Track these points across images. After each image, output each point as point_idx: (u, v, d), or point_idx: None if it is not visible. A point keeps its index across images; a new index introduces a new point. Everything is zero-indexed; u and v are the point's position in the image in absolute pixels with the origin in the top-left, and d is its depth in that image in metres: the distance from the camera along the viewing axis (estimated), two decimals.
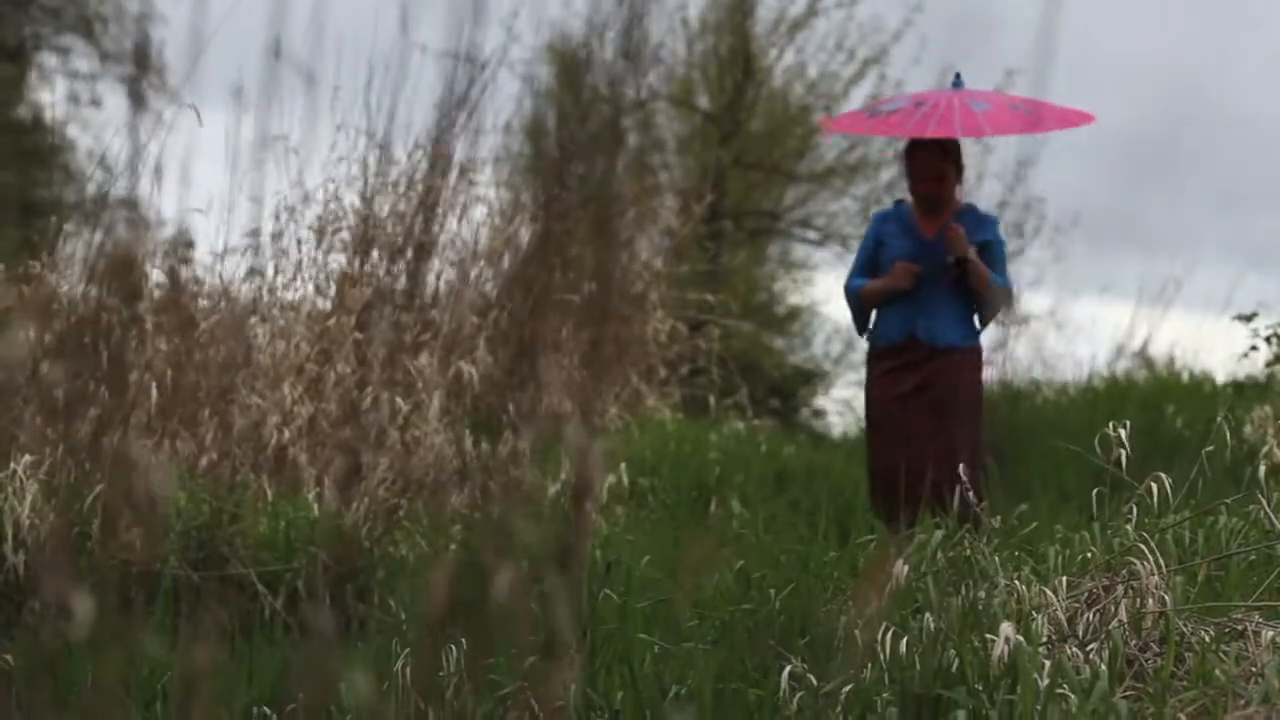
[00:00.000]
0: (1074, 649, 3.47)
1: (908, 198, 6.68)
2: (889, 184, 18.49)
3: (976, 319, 6.56)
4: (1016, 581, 3.81)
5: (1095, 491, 4.22)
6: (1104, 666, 3.27)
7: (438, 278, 9.33)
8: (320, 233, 8.85)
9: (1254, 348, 9.28)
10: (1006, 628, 3.29)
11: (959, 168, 6.57)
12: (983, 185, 18.26)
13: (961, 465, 6.21)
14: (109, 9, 19.59)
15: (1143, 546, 3.77)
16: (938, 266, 6.45)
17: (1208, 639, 3.46)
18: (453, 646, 3.44)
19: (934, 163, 6.51)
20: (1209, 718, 3.21)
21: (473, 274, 9.58)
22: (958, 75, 6.83)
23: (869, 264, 6.64)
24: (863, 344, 6.77)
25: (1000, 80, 15.87)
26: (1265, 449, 5.57)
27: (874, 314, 6.64)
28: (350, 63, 10.15)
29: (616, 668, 4.02)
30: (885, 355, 6.59)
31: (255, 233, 8.37)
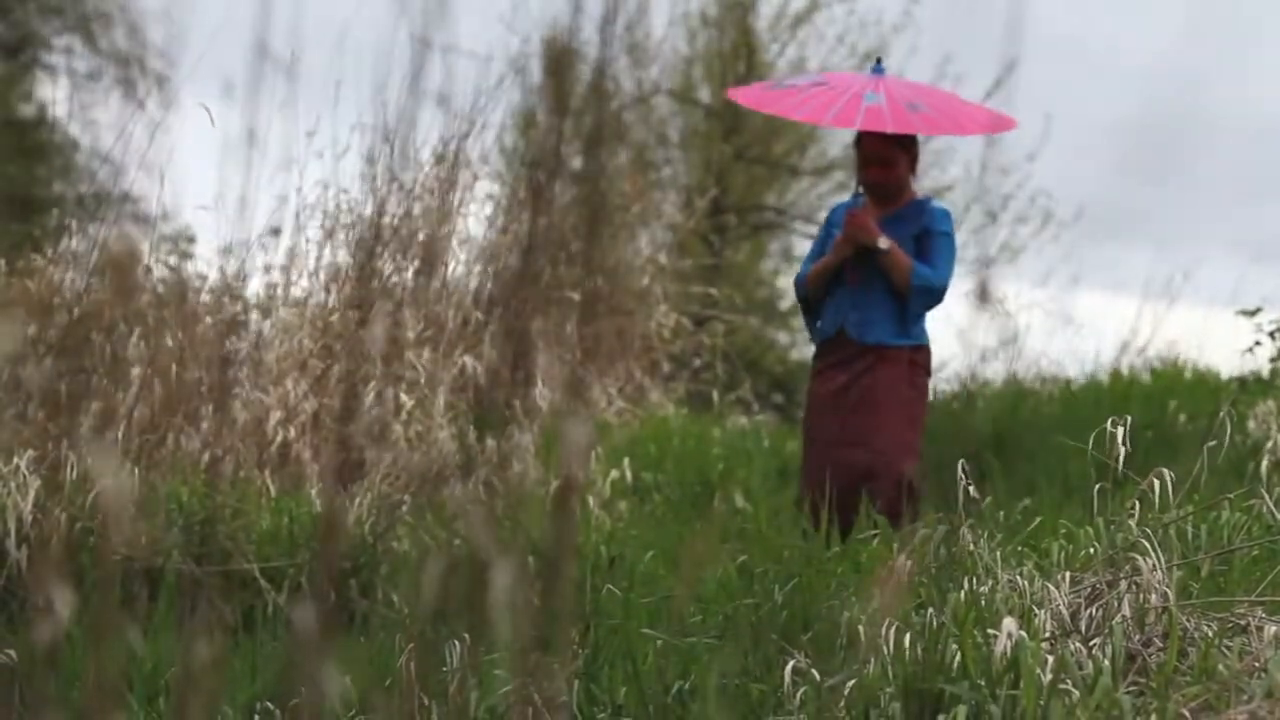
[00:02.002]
0: (1077, 644, 3.47)
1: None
2: None
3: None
4: (1019, 577, 3.81)
5: (1098, 487, 4.21)
6: (1106, 661, 3.27)
7: (443, 274, 9.33)
8: (326, 229, 8.86)
9: (1257, 343, 9.28)
10: (1009, 623, 3.29)
11: (912, 157, 6.26)
12: (985, 181, 18.25)
13: (893, 470, 6.04)
14: (109, 6, 19.59)
15: (1145, 542, 3.77)
16: (870, 259, 6.13)
17: (1210, 634, 3.46)
18: (455, 642, 3.44)
19: (879, 148, 6.21)
20: (1212, 713, 3.20)
21: (474, 270, 9.58)
22: (878, 60, 6.61)
23: (820, 256, 6.36)
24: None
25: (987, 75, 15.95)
26: (1269, 444, 5.56)
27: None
28: (356, 59, 10.16)
29: (619, 663, 4.03)
30: (821, 352, 6.33)
31: (259, 229, 8.37)
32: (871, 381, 6.14)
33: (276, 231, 8.64)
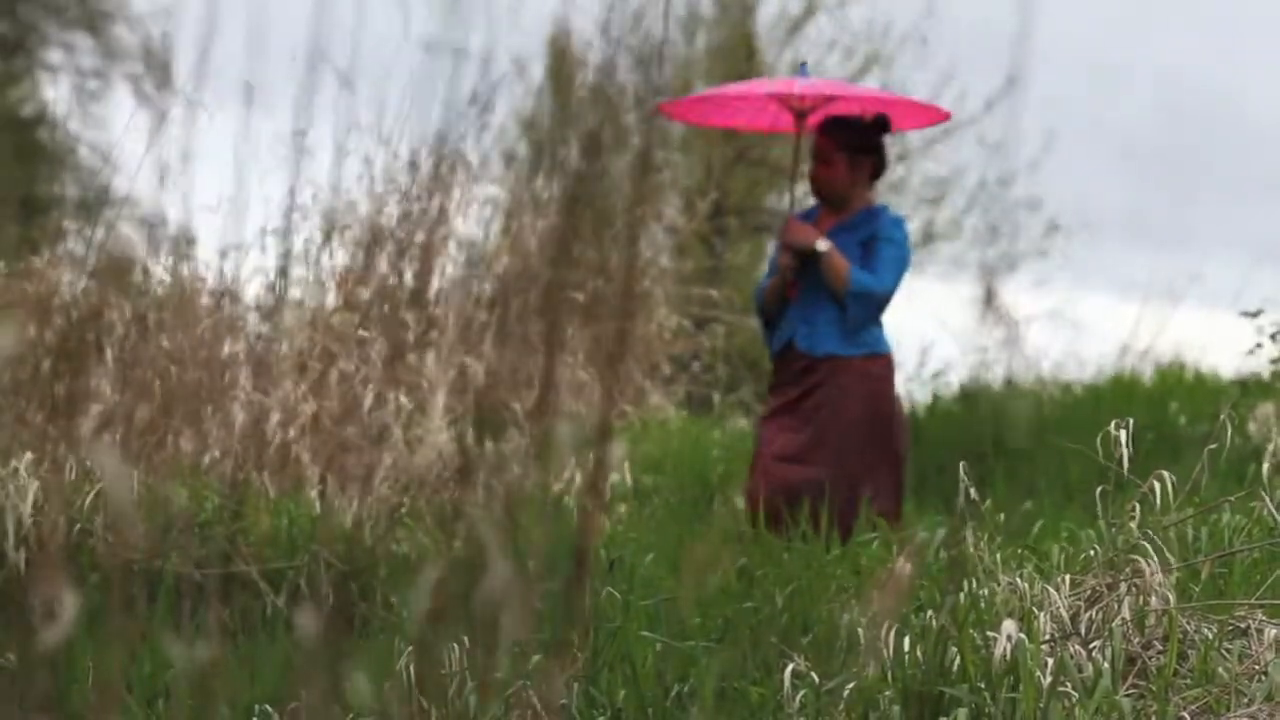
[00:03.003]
0: (1076, 647, 3.46)
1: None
2: (892, 184, 18.51)
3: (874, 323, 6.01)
4: (1019, 579, 3.81)
5: (1099, 489, 4.21)
6: (1106, 664, 3.27)
7: (443, 276, 9.34)
8: (327, 231, 8.86)
9: (1259, 345, 9.28)
10: (1009, 625, 3.28)
11: (857, 162, 6.08)
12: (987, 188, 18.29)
13: (852, 487, 5.78)
14: (113, 5, 19.59)
15: (1146, 544, 3.77)
16: (815, 268, 5.96)
17: (1210, 637, 3.46)
18: (454, 645, 3.44)
19: (822, 146, 6.09)
20: (1212, 716, 3.20)
21: (473, 271, 9.59)
22: (803, 64, 6.64)
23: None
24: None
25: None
26: (1271, 446, 5.55)
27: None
28: (362, 59, 10.17)
29: (619, 666, 4.02)
30: (774, 368, 6.16)
31: (260, 231, 8.38)
32: (822, 399, 5.93)
33: (276, 233, 8.64)
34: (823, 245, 5.91)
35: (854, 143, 6.08)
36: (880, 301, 5.98)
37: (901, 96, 7.01)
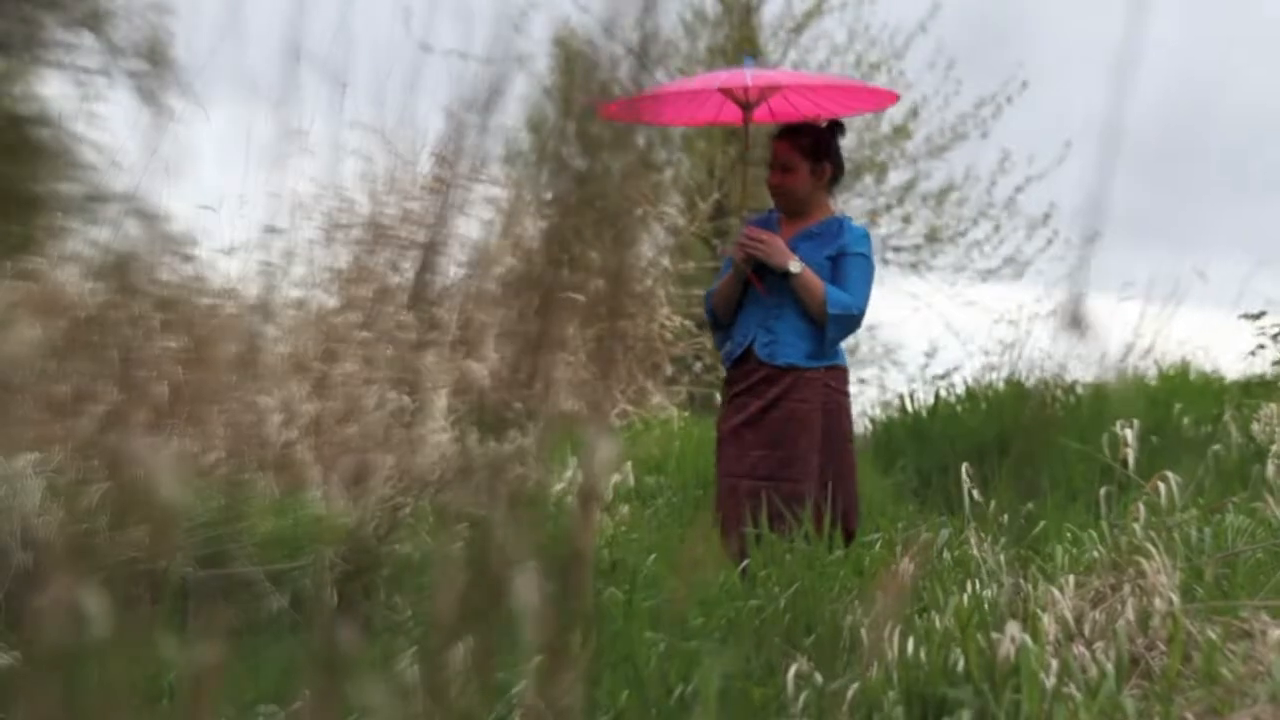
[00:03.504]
0: (1080, 648, 3.47)
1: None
2: (895, 187, 18.53)
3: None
4: (1023, 580, 3.81)
5: (1103, 490, 4.21)
6: (1110, 665, 3.27)
7: (444, 276, 9.34)
8: (329, 231, 8.87)
9: (1261, 346, 9.29)
10: (1013, 627, 3.28)
11: (818, 168, 5.98)
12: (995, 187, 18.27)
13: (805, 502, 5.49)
14: (118, 4, 19.60)
15: (1150, 545, 3.77)
16: (778, 277, 5.83)
17: (1214, 638, 3.46)
18: (458, 645, 3.43)
19: (779, 149, 6.00)
20: (1216, 717, 3.20)
21: (475, 272, 9.60)
22: (748, 55, 6.62)
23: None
24: (868, 342, 6.34)
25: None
26: (1275, 447, 5.55)
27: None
28: (363, 60, 10.18)
29: (621, 666, 4.02)
30: (730, 376, 5.95)
31: (263, 230, 8.38)
32: (785, 413, 5.79)
33: (277, 231, 8.64)
34: (795, 267, 5.81)
35: (813, 148, 5.99)
36: (858, 320, 5.89)
37: (850, 81, 6.94)
